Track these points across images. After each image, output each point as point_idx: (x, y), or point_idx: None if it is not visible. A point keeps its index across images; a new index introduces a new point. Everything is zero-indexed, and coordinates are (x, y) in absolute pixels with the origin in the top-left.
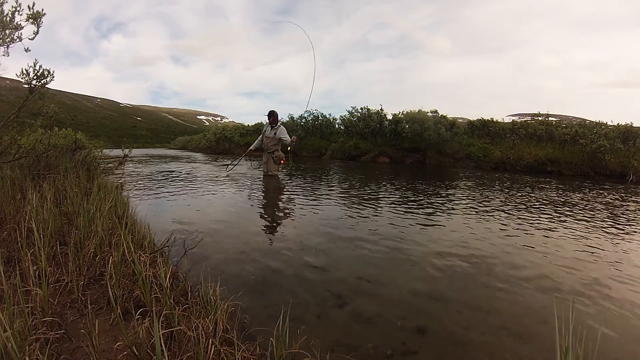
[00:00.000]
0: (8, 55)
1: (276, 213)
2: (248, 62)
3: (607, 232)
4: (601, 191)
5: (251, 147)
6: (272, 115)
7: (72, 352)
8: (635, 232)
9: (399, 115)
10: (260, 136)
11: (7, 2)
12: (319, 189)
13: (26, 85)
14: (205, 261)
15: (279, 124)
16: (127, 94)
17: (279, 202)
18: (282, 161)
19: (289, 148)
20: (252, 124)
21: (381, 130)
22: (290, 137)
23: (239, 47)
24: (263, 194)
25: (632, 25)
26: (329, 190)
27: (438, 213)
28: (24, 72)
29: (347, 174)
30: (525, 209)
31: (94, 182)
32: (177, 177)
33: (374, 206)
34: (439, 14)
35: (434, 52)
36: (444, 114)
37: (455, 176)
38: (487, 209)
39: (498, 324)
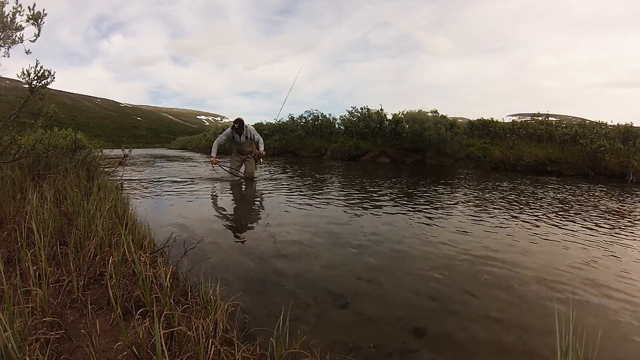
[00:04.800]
0: (8, 56)
1: (276, 214)
2: (248, 62)
3: (608, 232)
4: (602, 191)
5: (214, 157)
6: (241, 125)
7: (72, 352)
8: (633, 232)
9: (399, 115)
10: (220, 139)
11: (7, 3)
12: (318, 189)
13: (26, 86)
14: (205, 261)
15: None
16: (127, 94)
17: (279, 203)
18: (260, 159)
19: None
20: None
21: (381, 130)
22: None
23: (239, 47)
24: (262, 195)
25: (632, 25)
26: (328, 190)
27: (438, 213)
28: (25, 72)
29: (347, 174)
30: (525, 209)
31: (94, 182)
32: (177, 177)
33: (374, 206)
34: (439, 14)
35: (434, 52)
36: (444, 114)
37: (455, 176)
38: (487, 209)
39: (498, 323)
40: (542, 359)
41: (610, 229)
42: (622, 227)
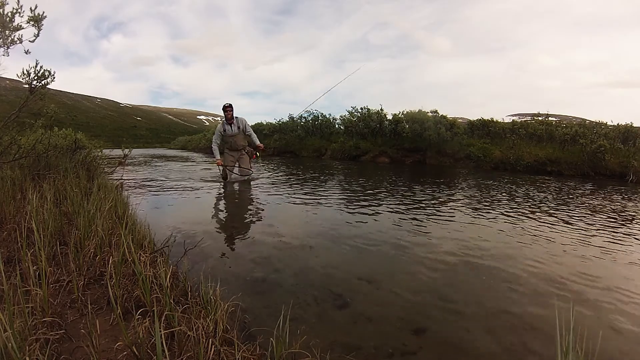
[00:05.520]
0: (8, 55)
1: (276, 214)
2: (248, 62)
3: (607, 232)
4: (602, 191)
5: (219, 158)
6: (232, 109)
7: (72, 352)
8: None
9: (399, 115)
10: (216, 138)
11: (7, 3)
12: (318, 189)
13: (26, 86)
14: (205, 261)
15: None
16: (127, 94)
17: (279, 203)
18: (254, 156)
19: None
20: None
21: (381, 130)
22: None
23: (239, 47)
24: (262, 195)
25: (632, 25)
26: (328, 190)
27: (438, 213)
28: (25, 72)
29: (347, 174)
30: (525, 208)
31: (94, 182)
32: (177, 177)
33: (374, 206)
34: (439, 14)
35: (434, 52)
36: (444, 114)
37: (455, 176)
38: (487, 209)
39: (499, 323)
40: (542, 359)
41: (605, 227)
42: (612, 225)
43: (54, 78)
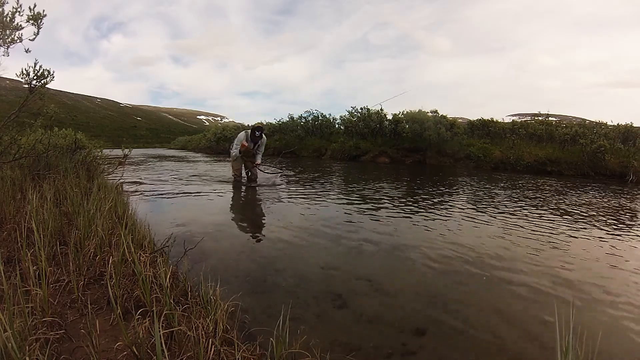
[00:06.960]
0: (8, 55)
1: (276, 214)
2: (248, 62)
3: (607, 232)
4: (603, 191)
5: (258, 162)
6: (262, 134)
7: (72, 352)
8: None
9: (399, 115)
10: (237, 146)
11: (7, 2)
12: (318, 190)
13: (26, 86)
14: (205, 261)
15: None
16: (127, 94)
17: (279, 204)
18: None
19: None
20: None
21: (381, 130)
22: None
23: (239, 47)
24: (262, 196)
25: (632, 25)
26: (328, 191)
27: (438, 214)
28: (24, 72)
29: (346, 174)
30: (525, 209)
31: (94, 182)
32: (177, 177)
33: (373, 207)
34: (439, 14)
35: (434, 52)
36: (444, 114)
37: (455, 176)
38: (486, 209)
39: (498, 323)
40: (542, 358)
41: (608, 228)
42: (615, 225)
43: (53, 77)
